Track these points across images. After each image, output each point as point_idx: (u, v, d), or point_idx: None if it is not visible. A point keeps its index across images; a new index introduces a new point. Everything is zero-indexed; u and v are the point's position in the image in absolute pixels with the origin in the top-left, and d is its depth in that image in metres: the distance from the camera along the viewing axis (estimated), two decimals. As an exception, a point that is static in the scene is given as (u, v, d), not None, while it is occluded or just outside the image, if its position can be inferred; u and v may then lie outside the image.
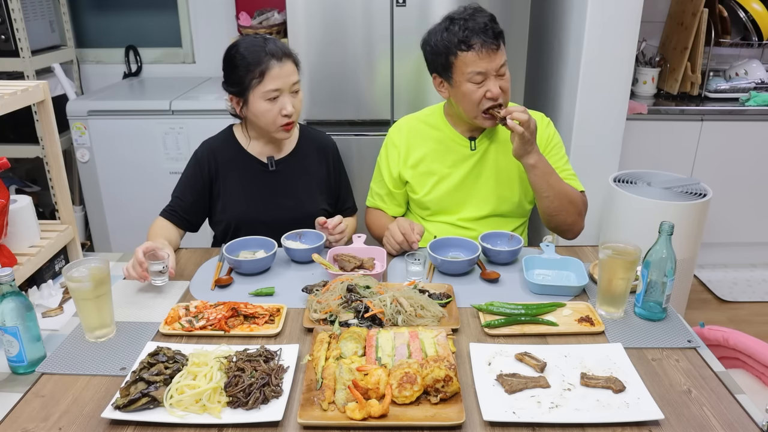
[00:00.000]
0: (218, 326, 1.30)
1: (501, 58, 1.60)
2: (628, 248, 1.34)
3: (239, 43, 1.67)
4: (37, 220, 1.61)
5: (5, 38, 2.81)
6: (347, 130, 2.61)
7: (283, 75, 1.64)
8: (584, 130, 2.58)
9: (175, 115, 2.76)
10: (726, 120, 2.98)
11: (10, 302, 1.17)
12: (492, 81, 1.60)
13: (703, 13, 2.94)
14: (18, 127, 2.92)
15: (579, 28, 2.47)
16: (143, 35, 3.42)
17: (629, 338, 1.28)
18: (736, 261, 3.35)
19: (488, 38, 1.57)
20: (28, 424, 1.05)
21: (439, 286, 1.46)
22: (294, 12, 2.45)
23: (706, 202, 2.39)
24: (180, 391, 1.07)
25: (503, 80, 1.62)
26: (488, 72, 1.59)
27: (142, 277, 1.45)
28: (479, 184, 1.78)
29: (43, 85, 1.55)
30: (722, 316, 2.90)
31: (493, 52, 1.58)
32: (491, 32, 1.57)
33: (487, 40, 1.57)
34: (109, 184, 2.88)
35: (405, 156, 1.81)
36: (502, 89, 1.61)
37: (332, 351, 1.17)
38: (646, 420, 1.03)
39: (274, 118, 1.67)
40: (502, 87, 1.61)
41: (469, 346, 1.23)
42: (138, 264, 1.44)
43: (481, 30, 1.57)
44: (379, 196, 1.90)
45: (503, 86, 1.62)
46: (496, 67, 1.59)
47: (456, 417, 1.03)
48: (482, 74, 1.60)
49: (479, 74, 1.59)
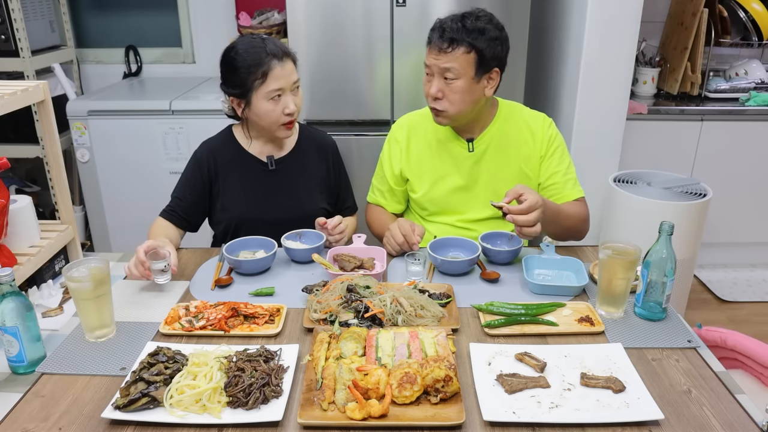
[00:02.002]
0: (218, 326, 1.30)
1: (447, 62, 1.57)
2: (628, 248, 1.34)
3: (237, 45, 1.66)
4: (37, 220, 1.61)
5: (5, 38, 2.81)
6: (347, 130, 2.61)
7: (284, 74, 1.64)
8: (584, 130, 2.58)
9: (175, 115, 2.77)
10: (726, 120, 2.98)
11: (10, 302, 1.17)
12: (435, 79, 1.62)
13: (703, 13, 2.94)
14: (18, 127, 2.92)
15: (579, 28, 2.47)
16: (143, 35, 3.42)
17: (629, 338, 1.28)
18: (736, 261, 3.35)
19: (440, 38, 1.57)
20: (28, 424, 1.05)
21: (439, 286, 1.46)
22: (294, 12, 2.45)
23: (706, 202, 2.39)
24: (180, 391, 1.07)
25: (448, 86, 1.60)
26: (431, 68, 1.62)
27: (145, 276, 1.45)
28: (478, 187, 1.78)
29: (43, 85, 1.55)
30: (722, 316, 2.90)
31: (439, 52, 1.58)
32: (448, 35, 1.56)
33: (438, 40, 1.58)
34: (109, 184, 2.88)
35: (407, 153, 1.81)
36: (444, 94, 1.61)
37: (332, 351, 1.17)
38: (646, 420, 1.03)
39: (277, 118, 1.67)
40: (444, 92, 1.61)
41: (469, 346, 1.23)
42: (140, 263, 1.44)
43: (442, 29, 1.58)
44: (380, 192, 1.90)
45: (446, 92, 1.61)
46: (438, 67, 1.59)
47: (456, 417, 1.03)
48: (428, 68, 1.63)
49: (426, 67, 1.63)
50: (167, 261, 1.47)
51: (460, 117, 1.66)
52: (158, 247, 1.48)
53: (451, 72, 1.58)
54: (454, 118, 1.67)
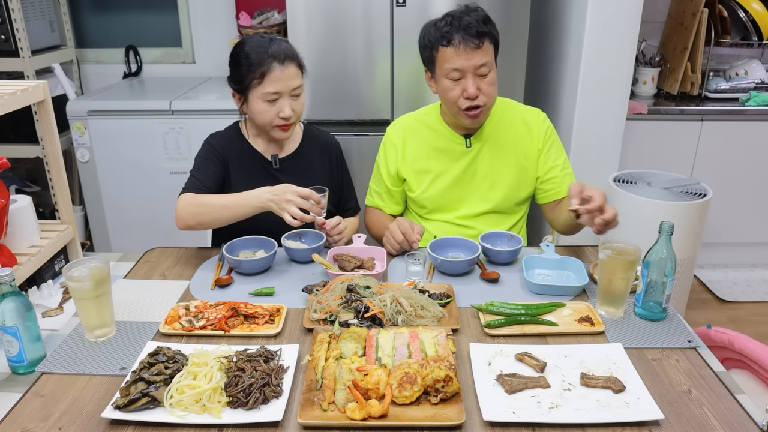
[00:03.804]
0: (218, 326, 1.30)
1: (481, 58, 1.58)
2: (628, 248, 1.34)
3: (246, 42, 1.67)
4: (37, 220, 1.61)
5: (5, 38, 2.81)
6: (347, 130, 2.61)
7: (283, 78, 1.64)
8: (584, 130, 2.58)
9: (175, 115, 2.77)
10: (726, 120, 2.98)
11: (10, 302, 1.17)
12: (470, 80, 1.60)
13: (703, 13, 2.94)
14: (18, 127, 2.92)
15: (579, 28, 2.47)
16: (143, 35, 3.42)
17: (629, 338, 1.28)
18: (736, 261, 3.35)
19: (469, 36, 1.56)
20: (28, 423, 1.05)
21: (439, 286, 1.46)
22: (294, 12, 2.45)
23: (706, 202, 2.39)
24: (180, 391, 1.07)
25: (483, 81, 1.61)
26: (465, 70, 1.59)
27: (317, 212, 1.51)
28: (475, 182, 1.78)
29: (43, 85, 1.55)
30: (722, 316, 2.90)
31: (472, 50, 1.57)
32: (474, 30, 1.56)
33: (467, 38, 1.56)
34: (109, 184, 2.88)
35: (402, 154, 1.82)
36: (481, 90, 1.61)
37: (332, 351, 1.17)
38: (646, 420, 1.03)
39: (271, 119, 1.67)
40: (481, 88, 1.60)
41: (469, 346, 1.23)
42: (310, 197, 1.49)
43: (464, 27, 1.56)
44: (378, 195, 1.90)
45: (482, 87, 1.61)
46: (474, 66, 1.58)
47: (456, 417, 1.03)
48: (459, 71, 1.59)
49: (456, 71, 1.60)
50: (326, 190, 1.54)
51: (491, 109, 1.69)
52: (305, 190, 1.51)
53: (486, 66, 1.59)
54: (489, 113, 1.69)
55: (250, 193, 1.55)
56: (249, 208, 1.55)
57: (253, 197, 1.54)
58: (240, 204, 1.56)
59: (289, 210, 1.47)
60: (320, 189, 1.55)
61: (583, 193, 1.41)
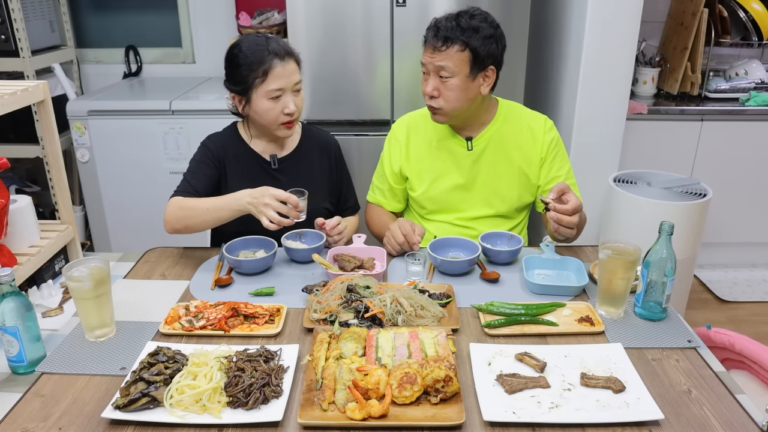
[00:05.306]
0: (218, 326, 1.30)
1: (441, 60, 1.59)
2: (628, 248, 1.34)
3: (241, 42, 1.67)
4: (37, 220, 1.61)
5: (5, 38, 2.81)
6: (347, 130, 2.61)
7: (285, 74, 1.64)
8: (584, 130, 2.58)
9: (175, 115, 2.77)
10: (726, 120, 2.98)
11: (10, 302, 1.17)
12: (431, 78, 1.64)
13: (703, 13, 2.94)
14: (18, 127, 2.92)
15: (579, 28, 2.47)
16: (143, 35, 3.42)
17: (629, 338, 1.28)
18: (736, 261, 3.35)
19: (434, 36, 1.59)
20: (28, 423, 1.05)
21: (439, 286, 1.46)
22: (294, 12, 2.45)
23: (706, 202, 2.39)
24: (180, 391, 1.07)
25: (444, 84, 1.61)
26: (427, 65, 1.63)
27: (295, 216, 1.50)
28: (477, 184, 1.78)
29: (43, 85, 1.55)
30: (722, 316, 2.90)
31: (433, 50, 1.60)
32: (441, 34, 1.58)
33: (431, 38, 1.60)
34: (109, 184, 2.88)
35: (406, 151, 1.82)
36: (440, 92, 1.63)
37: (332, 351, 1.17)
38: (646, 420, 1.03)
39: (276, 117, 1.67)
40: (440, 89, 1.62)
41: (469, 346, 1.23)
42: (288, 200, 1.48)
43: (435, 27, 1.60)
44: (380, 191, 1.91)
45: (442, 89, 1.62)
46: (434, 66, 1.61)
47: (456, 417, 1.03)
48: (424, 66, 1.65)
49: (423, 65, 1.65)
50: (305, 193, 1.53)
51: (456, 115, 1.67)
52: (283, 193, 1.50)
53: (445, 70, 1.60)
54: (450, 116, 1.68)
55: (231, 196, 1.55)
56: (230, 211, 1.55)
57: (233, 200, 1.54)
58: (222, 207, 1.56)
59: (267, 214, 1.48)
60: (300, 192, 1.54)
61: (564, 195, 1.50)
